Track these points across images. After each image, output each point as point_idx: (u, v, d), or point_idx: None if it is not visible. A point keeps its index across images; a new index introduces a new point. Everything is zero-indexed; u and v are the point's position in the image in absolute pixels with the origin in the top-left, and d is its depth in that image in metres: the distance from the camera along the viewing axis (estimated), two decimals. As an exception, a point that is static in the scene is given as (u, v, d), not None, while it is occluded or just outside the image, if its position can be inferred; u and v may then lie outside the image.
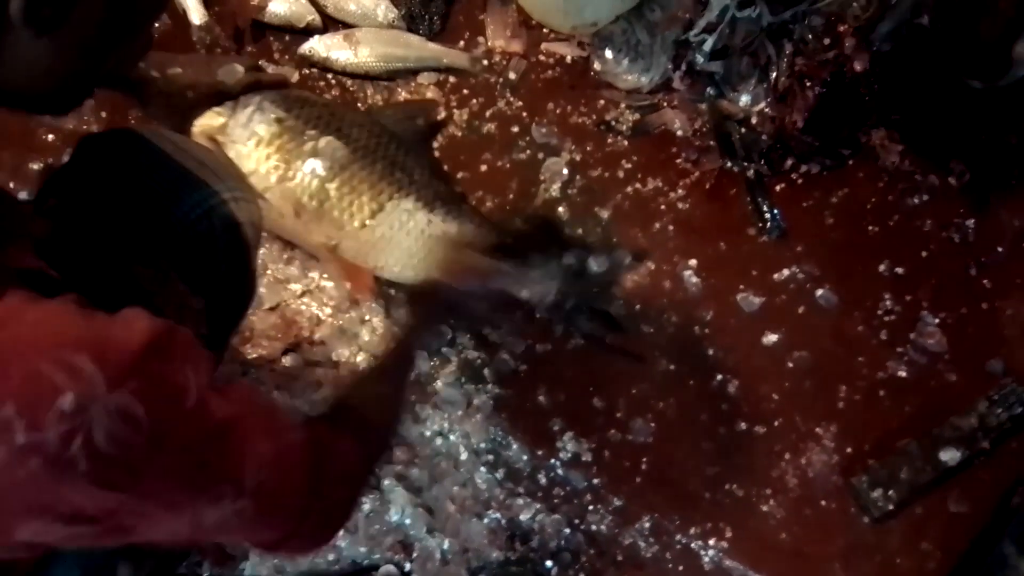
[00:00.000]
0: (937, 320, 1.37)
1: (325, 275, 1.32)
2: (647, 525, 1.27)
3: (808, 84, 1.39)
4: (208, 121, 1.23)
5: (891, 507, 1.26)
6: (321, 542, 0.74)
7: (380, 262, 1.27)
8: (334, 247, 1.26)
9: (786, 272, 1.38)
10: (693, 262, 1.37)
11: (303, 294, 1.31)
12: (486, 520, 1.26)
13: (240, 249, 0.92)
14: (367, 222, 1.26)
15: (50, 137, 1.36)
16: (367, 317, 1.31)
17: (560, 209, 1.39)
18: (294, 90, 1.32)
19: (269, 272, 1.32)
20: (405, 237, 1.28)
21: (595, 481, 1.27)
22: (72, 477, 0.50)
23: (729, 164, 1.42)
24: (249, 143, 1.24)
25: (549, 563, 1.26)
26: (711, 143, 1.43)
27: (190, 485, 0.56)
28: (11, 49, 0.54)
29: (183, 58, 1.21)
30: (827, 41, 1.39)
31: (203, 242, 0.87)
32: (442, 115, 1.42)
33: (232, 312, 0.99)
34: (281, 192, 1.24)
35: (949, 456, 1.28)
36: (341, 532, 1.18)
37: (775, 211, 1.39)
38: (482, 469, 1.27)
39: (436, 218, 1.28)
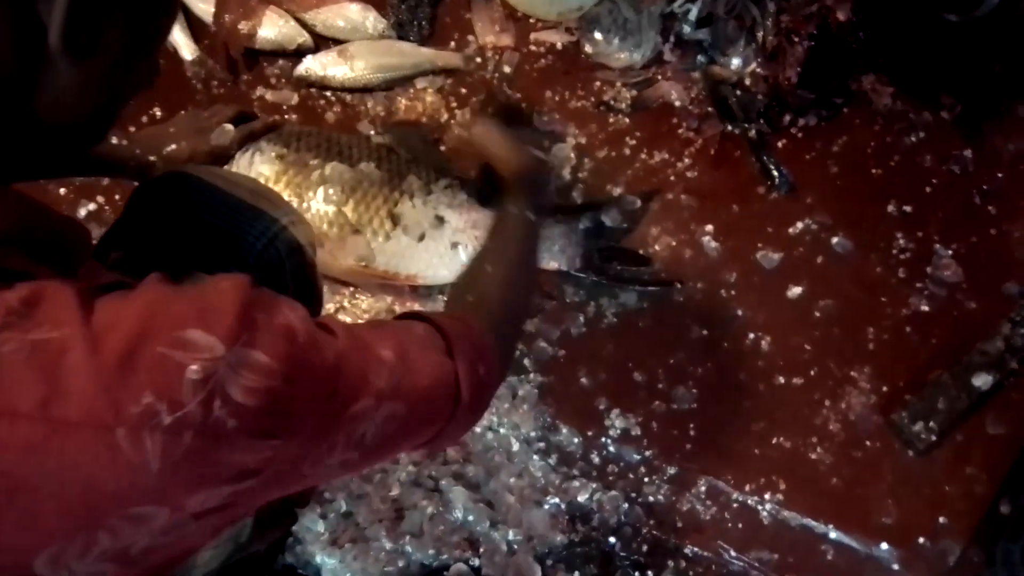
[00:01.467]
0: (950, 252, 1.40)
1: (357, 291, 1.33)
2: (703, 489, 1.29)
3: (796, 39, 1.42)
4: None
5: (933, 438, 1.30)
6: (478, 413, 0.78)
7: (413, 269, 1.29)
8: (365, 267, 1.27)
9: (800, 225, 1.41)
10: (709, 228, 1.40)
11: (337, 311, 1.33)
12: (546, 506, 1.28)
13: (304, 269, 0.94)
14: (391, 233, 1.27)
15: (105, 181, 1.37)
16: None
17: (573, 194, 1.41)
18: (285, 126, 1.34)
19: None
20: (425, 235, 1.29)
21: (647, 453, 1.30)
22: (226, 437, 0.52)
23: (730, 127, 1.44)
24: None
25: (612, 539, 1.28)
26: (709, 109, 1.45)
27: (331, 414, 0.59)
28: (51, 81, 0.55)
29: (172, 132, 1.23)
30: (809, -6, 1.42)
31: (272, 270, 0.89)
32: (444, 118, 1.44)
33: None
34: None
35: (981, 381, 1.31)
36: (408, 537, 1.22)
37: (781, 167, 1.42)
38: (535, 457, 1.29)
39: (452, 213, 1.30)
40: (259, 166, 1.27)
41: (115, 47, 0.57)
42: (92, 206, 1.34)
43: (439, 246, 1.30)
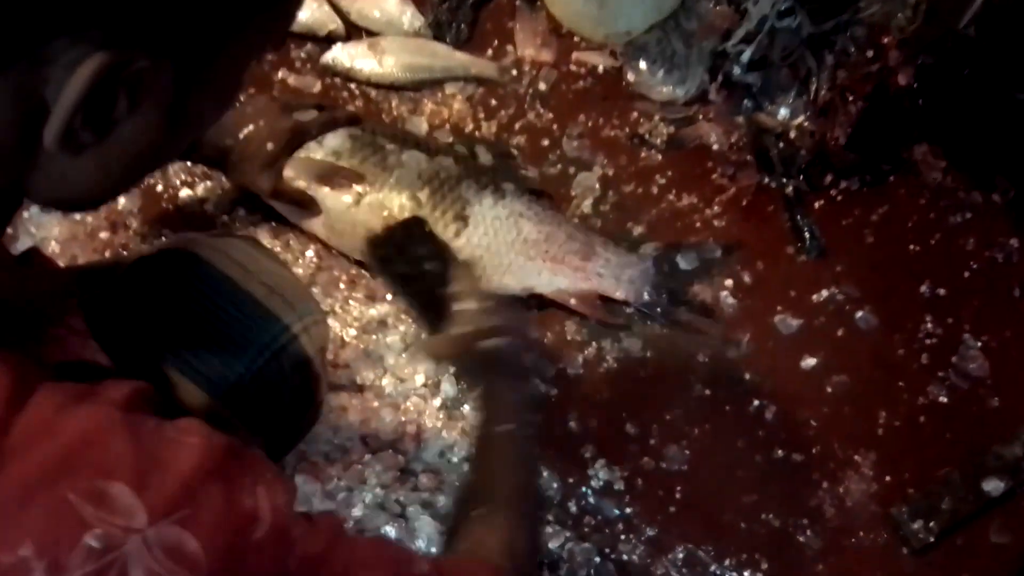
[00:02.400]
0: (979, 343, 1.33)
1: (350, 296, 1.28)
2: (680, 555, 1.23)
3: (850, 98, 1.35)
4: (304, 161, 1.22)
5: (932, 539, 1.23)
6: None
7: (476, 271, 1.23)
8: None
9: (825, 293, 1.34)
10: (729, 282, 1.33)
11: (326, 315, 1.27)
12: (514, 549, 1.22)
13: (308, 386, 0.85)
14: (460, 232, 1.24)
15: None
16: (390, 339, 1.27)
17: (594, 225, 1.35)
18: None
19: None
20: (495, 241, 1.26)
21: (627, 510, 1.23)
22: None
23: (767, 180, 1.37)
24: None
25: (578, 593, 1.22)
26: (748, 158, 1.38)
27: None
28: (43, 170, 0.47)
29: (250, 113, 1.17)
30: (870, 53, 1.35)
31: (269, 388, 0.80)
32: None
33: (292, 437, 0.94)
34: (370, 206, 1.23)
35: (992, 486, 1.24)
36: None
37: (814, 229, 1.35)
38: (510, 496, 1.23)
39: (526, 223, 1.27)
40: (331, 140, 1.23)
41: (144, 133, 0.48)
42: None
43: (508, 254, 1.25)
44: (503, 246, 1.26)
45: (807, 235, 1.35)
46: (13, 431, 0.43)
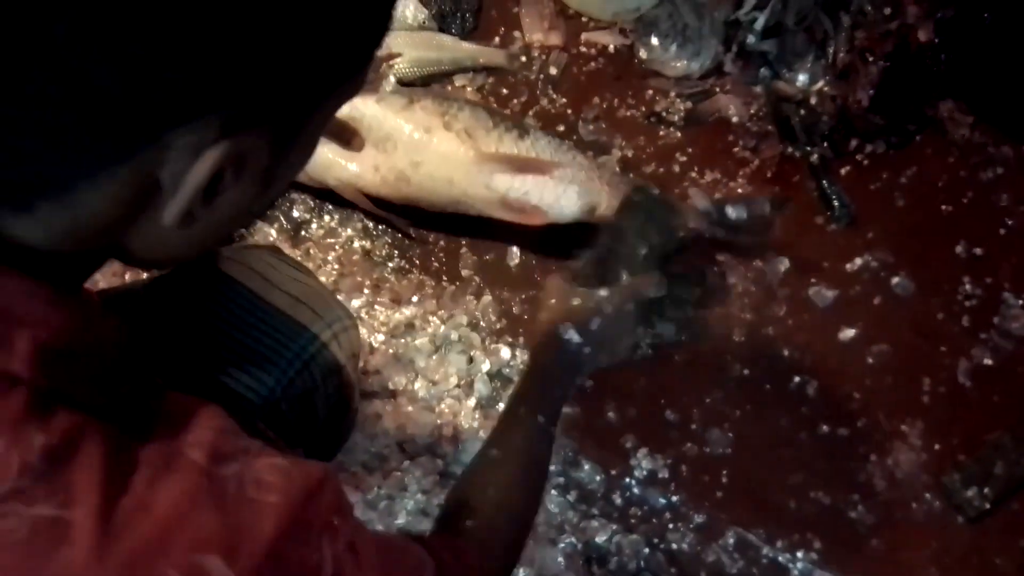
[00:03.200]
0: (1021, 301, 1.29)
1: (376, 300, 1.26)
2: (731, 541, 1.20)
3: (870, 58, 1.31)
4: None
5: (987, 505, 1.20)
6: None
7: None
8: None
9: (859, 261, 1.30)
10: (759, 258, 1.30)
11: (353, 321, 1.25)
12: (561, 545, 1.20)
13: (341, 393, 0.85)
14: (525, 136, 1.22)
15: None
16: (419, 342, 1.24)
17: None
18: None
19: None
20: (558, 151, 1.23)
21: (674, 498, 1.21)
22: None
23: (790, 149, 1.34)
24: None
25: (630, 585, 1.20)
26: (769, 128, 1.35)
27: None
28: (141, 235, 0.49)
29: None
30: (888, 11, 1.31)
31: (303, 397, 0.80)
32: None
33: (331, 446, 0.93)
34: (426, 111, 1.21)
35: (1045, 446, 1.21)
36: None
37: (843, 196, 1.31)
38: (553, 492, 1.21)
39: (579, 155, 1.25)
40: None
41: (243, 201, 0.50)
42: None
43: (573, 163, 1.22)
44: (566, 156, 1.22)
45: (835, 203, 1.31)
46: (111, 510, 0.44)
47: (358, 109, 1.20)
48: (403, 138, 1.19)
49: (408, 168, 1.20)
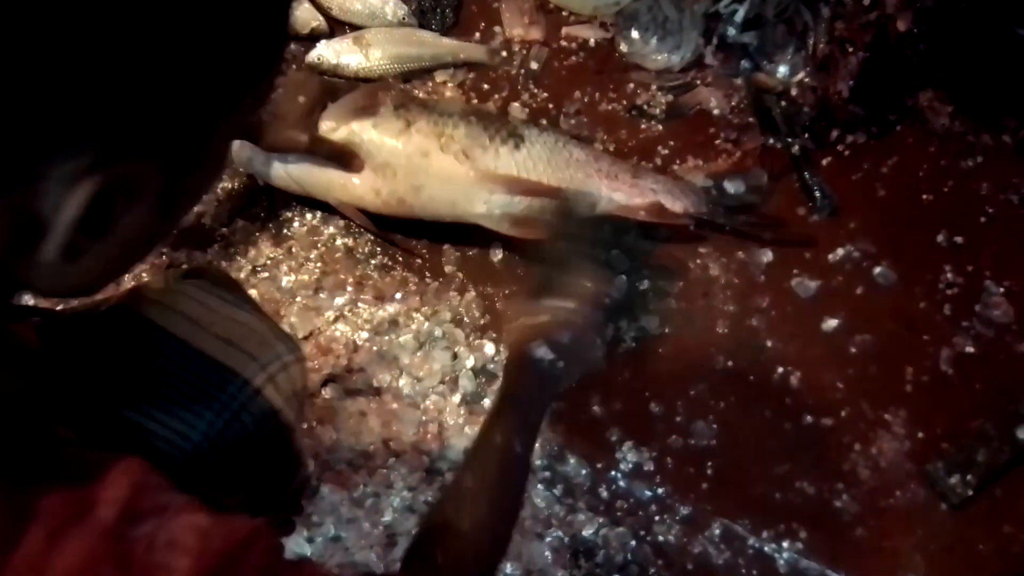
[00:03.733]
0: (1002, 289, 1.30)
1: (359, 298, 1.26)
2: (717, 532, 1.21)
3: (850, 49, 1.31)
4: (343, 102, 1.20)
5: (970, 492, 1.20)
6: None
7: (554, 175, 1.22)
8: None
9: (840, 251, 1.31)
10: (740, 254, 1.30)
11: (336, 319, 1.25)
12: (548, 539, 1.20)
13: (279, 435, 0.80)
14: (520, 145, 1.21)
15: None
16: (403, 339, 1.24)
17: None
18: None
19: (298, 299, 1.25)
20: (553, 157, 1.23)
21: (659, 490, 1.21)
22: None
23: (771, 141, 1.34)
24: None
25: (617, 578, 1.20)
26: (750, 120, 1.35)
27: None
28: (38, 270, 0.47)
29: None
30: (867, 1, 1.31)
31: (235, 449, 0.76)
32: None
33: (283, 484, 0.90)
34: (422, 133, 1.20)
35: (1027, 433, 1.22)
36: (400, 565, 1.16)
37: (824, 187, 1.32)
38: (539, 487, 1.21)
39: (572, 141, 1.26)
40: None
41: (137, 224, 0.48)
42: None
43: (567, 170, 1.22)
44: (560, 162, 1.22)
45: (817, 194, 1.32)
46: (6, 571, 0.42)
47: (356, 134, 1.19)
48: (402, 163, 1.19)
49: (409, 193, 1.20)
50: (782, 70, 1.35)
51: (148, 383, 0.74)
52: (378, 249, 1.31)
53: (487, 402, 1.23)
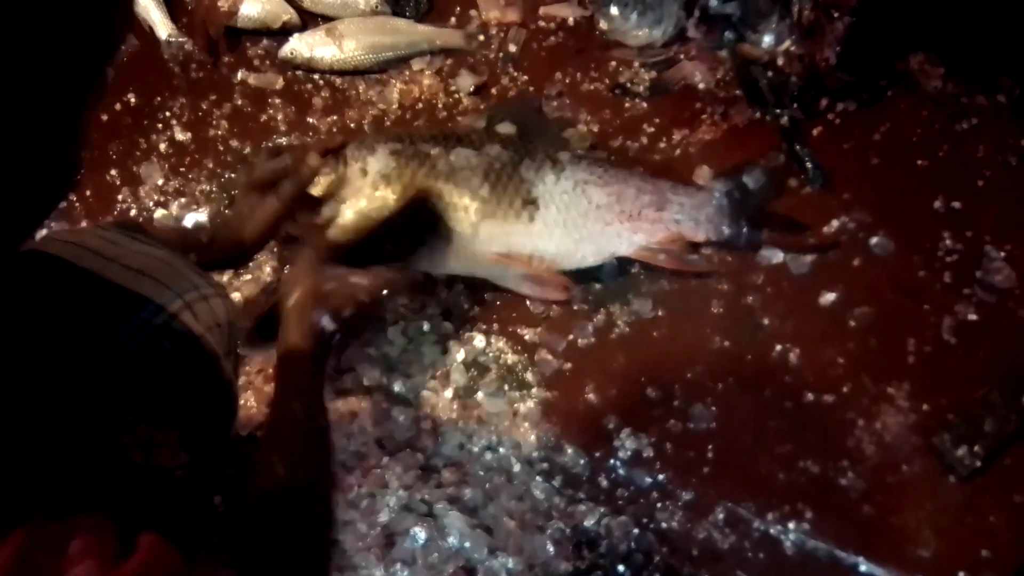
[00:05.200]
0: (1003, 253, 1.27)
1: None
2: (720, 516, 1.18)
3: (835, 15, 1.28)
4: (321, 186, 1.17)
5: (978, 463, 1.18)
6: None
7: (559, 253, 1.23)
8: (508, 256, 1.21)
9: (835, 223, 1.28)
10: (734, 227, 1.28)
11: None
12: (549, 531, 1.18)
13: (205, 362, 0.79)
14: (533, 216, 1.20)
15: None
16: (390, 335, 1.22)
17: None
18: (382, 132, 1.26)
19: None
20: (570, 215, 1.22)
21: (660, 477, 1.19)
22: None
23: (759, 114, 1.31)
24: (376, 189, 1.18)
25: (621, 567, 1.17)
26: (737, 93, 1.33)
27: None
28: None
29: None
30: (851, -37, 1.28)
31: (157, 370, 0.75)
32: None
33: (218, 420, 0.88)
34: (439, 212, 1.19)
35: (1034, 400, 1.19)
36: (399, 565, 1.14)
37: (815, 158, 1.29)
38: (538, 479, 1.19)
39: (593, 189, 1.23)
40: (374, 166, 1.17)
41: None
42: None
43: (585, 225, 1.21)
44: (578, 218, 1.21)
45: (808, 165, 1.29)
46: None
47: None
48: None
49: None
50: (767, 39, 1.32)
51: (62, 319, 0.73)
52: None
53: (480, 395, 1.20)
